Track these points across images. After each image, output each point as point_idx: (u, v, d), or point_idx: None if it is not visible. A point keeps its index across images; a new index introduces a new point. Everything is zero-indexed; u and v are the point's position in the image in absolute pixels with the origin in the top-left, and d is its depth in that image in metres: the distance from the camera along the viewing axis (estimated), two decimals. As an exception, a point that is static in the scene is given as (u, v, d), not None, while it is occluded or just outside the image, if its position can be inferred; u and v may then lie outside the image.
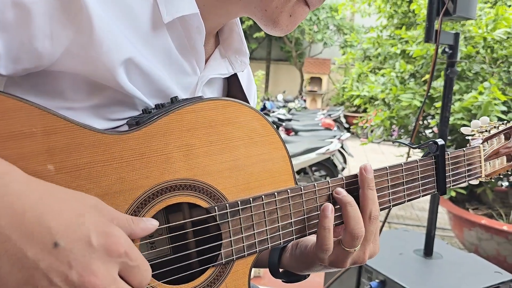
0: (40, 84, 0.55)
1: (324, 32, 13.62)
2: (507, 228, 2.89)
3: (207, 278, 0.61)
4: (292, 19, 0.64)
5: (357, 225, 0.65)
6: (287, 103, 10.37)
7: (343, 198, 0.66)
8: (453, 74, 1.97)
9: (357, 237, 0.65)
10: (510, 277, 1.95)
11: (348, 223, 0.65)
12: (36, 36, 0.50)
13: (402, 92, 3.28)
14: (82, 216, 0.43)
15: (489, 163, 0.88)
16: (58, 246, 0.40)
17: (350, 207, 0.66)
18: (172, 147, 0.57)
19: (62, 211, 0.42)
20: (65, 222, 0.41)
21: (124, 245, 0.44)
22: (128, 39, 0.56)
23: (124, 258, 0.44)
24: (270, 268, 0.77)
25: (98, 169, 0.52)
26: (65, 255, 0.40)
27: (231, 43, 0.72)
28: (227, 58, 0.72)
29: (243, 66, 0.73)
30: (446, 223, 3.95)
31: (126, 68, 0.56)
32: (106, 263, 0.42)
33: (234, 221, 0.61)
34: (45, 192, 0.44)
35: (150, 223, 0.50)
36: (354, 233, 0.65)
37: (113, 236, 0.44)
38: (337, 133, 5.69)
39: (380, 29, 4.10)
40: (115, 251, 0.43)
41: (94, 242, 0.42)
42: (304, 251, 0.72)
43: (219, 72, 0.70)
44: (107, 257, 0.42)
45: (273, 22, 0.63)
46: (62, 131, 0.49)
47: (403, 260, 2.09)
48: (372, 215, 0.67)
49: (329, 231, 0.65)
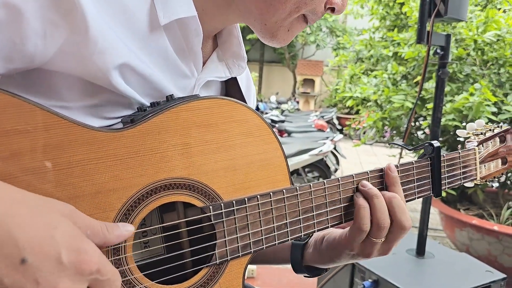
0: (35, 83, 0.54)
1: (317, 34, 13.67)
2: (497, 228, 2.92)
3: (201, 278, 0.61)
4: (290, 33, 0.66)
5: (382, 215, 0.67)
6: (280, 104, 10.39)
7: (369, 190, 0.68)
8: (445, 75, 1.99)
9: (383, 228, 0.67)
10: (501, 276, 1.97)
11: (374, 215, 0.67)
12: (28, 35, 0.49)
13: (394, 93, 3.30)
14: (54, 228, 0.41)
15: (484, 166, 0.89)
16: (26, 262, 0.38)
17: (377, 199, 0.67)
18: (167, 145, 0.56)
19: (31, 224, 0.40)
20: (35, 236, 0.39)
21: (97, 262, 0.43)
22: (124, 42, 0.56)
23: (95, 275, 0.43)
24: (293, 265, 0.80)
25: (92, 166, 0.51)
26: (32, 272, 0.38)
27: (229, 46, 0.72)
28: (225, 61, 0.72)
29: (241, 70, 0.73)
30: (438, 223, 3.98)
31: (121, 71, 0.56)
32: (75, 281, 0.41)
33: (229, 221, 0.61)
34: (15, 201, 0.41)
35: (125, 229, 0.50)
36: (380, 224, 0.67)
37: (85, 253, 0.42)
38: (330, 135, 5.70)
39: (372, 31, 4.12)
40: (86, 270, 0.42)
41: (65, 259, 0.40)
42: (332, 242, 0.73)
43: (216, 75, 0.70)
44: (77, 275, 0.41)
45: (271, 36, 0.65)
46: (55, 128, 0.49)
47: (396, 259, 2.10)
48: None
49: (367, 210, 0.67)
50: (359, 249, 0.69)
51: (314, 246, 0.77)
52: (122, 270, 0.54)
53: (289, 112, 9.54)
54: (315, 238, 0.78)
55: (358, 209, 0.67)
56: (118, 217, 0.53)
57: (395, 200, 0.68)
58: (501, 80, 3.04)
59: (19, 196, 0.43)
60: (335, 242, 0.72)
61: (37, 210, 0.42)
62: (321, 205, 0.68)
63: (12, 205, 0.40)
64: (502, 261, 2.96)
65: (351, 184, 0.70)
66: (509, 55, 2.97)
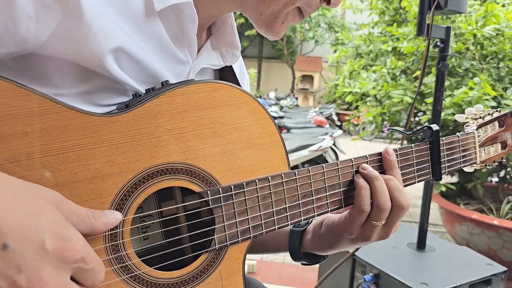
0: (28, 70, 0.54)
1: (316, 30, 13.64)
2: (497, 222, 2.91)
3: (200, 264, 0.60)
4: (284, 26, 0.66)
5: (383, 198, 0.67)
6: (279, 100, 10.37)
7: (370, 173, 0.68)
8: (445, 68, 1.98)
9: (383, 210, 0.67)
10: (502, 269, 1.96)
11: (375, 197, 0.67)
12: (20, 18, 0.48)
13: (394, 88, 3.29)
14: (38, 215, 0.40)
15: (483, 150, 0.88)
16: (8, 248, 0.37)
17: (377, 181, 0.67)
18: (163, 129, 0.55)
19: (15, 209, 0.39)
20: (18, 222, 0.38)
21: (81, 250, 0.42)
22: (119, 26, 0.55)
23: (80, 263, 0.42)
24: (290, 252, 0.79)
25: (87, 151, 0.50)
26: (14, 259, 0.37)
27: (223, 34, 0.72)
28: (219, 50, 0.72)
29: (235, 59, 0.73)
30: (438, 219, 3.98)
31: (115, 55, 0.55)
32: (59, 269, 0.40)
33: (227, 206, 0.60)
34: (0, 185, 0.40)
35: (113, 217, 0.49)
36: (381, 206, 0.66)
37: (69, 240, 0.41)
38: (329, 131, 5.70)
39: (371, 26, 4.11)
40: (71, 258, 0.41)
41: (48, 246, 0.39)
42: (331, 226, 0.73)
43: (210, 62, 0.70)
44: (61, 263, 0.40)
45: (267, 27, 0.65)
46: (49, 113, 0.48)
47: (397, 253, 2.10)
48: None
49: (368, 190, 0.67)
50: (359, 232, 0.69)
51: (313, 231, 0.77)
52: (120, 256, 0.53)
53: (288, 108, 9.53)
54: (314, 224, 0.78)
55: (359, 190, 0.67)
56: (115, 202, 0.52)
57: (391, 182, 0.68)
58: (501, 74, 3.04)
59: (2, 180, 0.42)
60: (334, 225, 0.72)
61: (21, 196, 0.41)
62: (320, 189, 0.67)
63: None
64: (502, 255, 2.96)
65: (350, 168, 0.69)
66: (508, 49, 2.96)
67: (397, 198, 0.67)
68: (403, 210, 0.68)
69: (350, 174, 0.70)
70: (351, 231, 0.69)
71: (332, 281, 2.17)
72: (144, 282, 0.55)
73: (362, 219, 0.67)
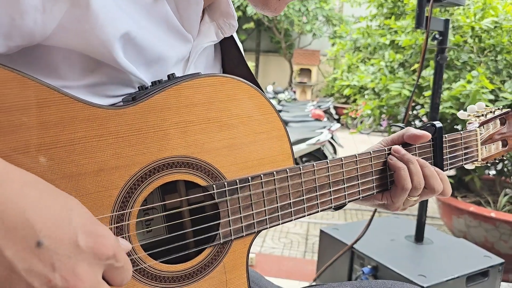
0: (34, 62, 0.53)
1: (313, 23, 13.59)
2: (494, 215, 2.93)
3: (205, 258, 0.60)
4: (281, 2, 0.66)
5: (419, 179, 0.73)
6: (277, 94, 10.34)
7: (404, 156, 0.73)
8: (443, 61, 1.98)
9: (420, 188, 0.74)
10: (499, 261, 1.98)
11: (412, 180, 0.73)
12: (26, 10, 0.48)
13: (392, 81, 3.29)
14: (70, 210, 0.40)
15: (485, 147, 0.89)
16: (42, 245, 0.37)
17: (412, 164, 0.73)
18: (169, 123, 0.55)
19: (46, 206, 0.38)
20: (51, 219, 0.38)
21: (113, 247, 0.42)
22: (125, 11, 0.55)
23: (111, 260, 0.42)
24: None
25: (93, 144, 0.50)
26: (48, 256, 0.37)
27: (218, 5, 0.71)
28: (215, 22, 0.71)
29: (232, 29, 0.73)
30: (435, 211, 4.00)
31: (122, 43, 0.55)
32: (93, 265, 0.40)
33: (233, 200, 0.60)
34: (26, 183, 0.40)
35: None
36: (417, 186, 0.73)
37: (102, 236, 0.41)
38: (327, 124, 5.69)
39: (369, 19, 4.09)
40: (104, 254, 0.41)
41: (82, 243, 0.39)
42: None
43: (211, 39, 0.70)
44: (94, 259, 0.40)
45: (263, 3, 0.66)
46: (56, 104, 0.48)
47: (395, 246, 2.11)
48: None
49: (406, 170, 0.73)
50: (398, 204, 0.76)
51: None
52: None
53: (286, 102, 9.50)
54: None
55: (399, 171, 0.72)
56: (121, 195, 0.52)
57: (426, 169, 0.74)
58: (498, 67, 3.04)
59: (30, 178, 0.41)
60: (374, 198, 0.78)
61: (50, 192, 0.40)
62: (324, 185, 0.68)
63: (23, 187, 0.39)
64: (499, 247, 2.98)
65: (354, 164, 0.70)
66: (506, 42, 2.96)
67: (432, 184, 0.74)
68: (435, 193, 0.75)
69: (354, 170, 0.70)
70: (391, 204, 0.76)
71: (331, 273, 2.18)
72: (149, 275, 0.56)
73: (404, 196, 0.74)
